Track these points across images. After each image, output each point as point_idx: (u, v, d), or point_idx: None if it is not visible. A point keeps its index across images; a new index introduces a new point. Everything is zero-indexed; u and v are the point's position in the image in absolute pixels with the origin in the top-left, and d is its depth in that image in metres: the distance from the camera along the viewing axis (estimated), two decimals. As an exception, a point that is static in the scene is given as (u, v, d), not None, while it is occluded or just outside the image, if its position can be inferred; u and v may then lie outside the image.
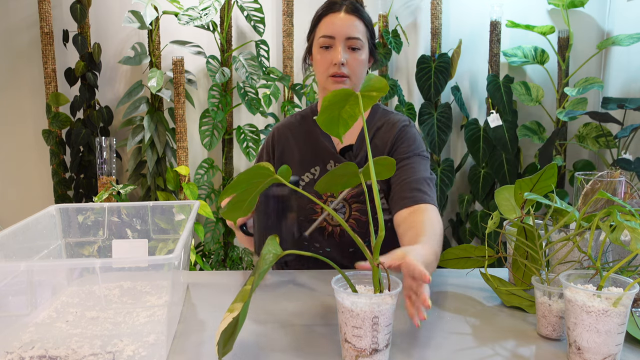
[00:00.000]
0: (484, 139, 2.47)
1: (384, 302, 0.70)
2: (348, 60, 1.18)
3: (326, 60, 1.19)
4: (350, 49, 1.19)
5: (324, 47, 1.20)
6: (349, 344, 0.72)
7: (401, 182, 1.15)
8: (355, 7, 1.20)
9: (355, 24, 1.19)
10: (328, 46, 1.19)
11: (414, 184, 1.13)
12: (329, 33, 1.18)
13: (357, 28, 1.19)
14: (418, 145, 1.23)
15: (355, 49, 1.19)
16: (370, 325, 0.70)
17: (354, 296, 0.70)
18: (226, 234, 2.55)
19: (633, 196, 0.95)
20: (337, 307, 0.74)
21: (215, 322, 0.88)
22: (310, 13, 1.27)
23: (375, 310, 0.69)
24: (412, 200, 1.10)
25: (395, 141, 1.23)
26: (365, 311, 0.69)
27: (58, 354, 0.74)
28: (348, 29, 1.18)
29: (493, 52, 2.48)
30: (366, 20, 1.22)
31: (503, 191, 0.99)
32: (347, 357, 0.73)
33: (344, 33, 1.17)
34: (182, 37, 2.47)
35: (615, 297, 0.69)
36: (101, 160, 2.19)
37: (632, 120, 2.32)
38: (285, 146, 1.30)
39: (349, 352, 0.72)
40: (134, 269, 1.05)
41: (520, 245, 0.90)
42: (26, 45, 2.50)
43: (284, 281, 1.09)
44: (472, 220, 2.51)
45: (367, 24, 1.22)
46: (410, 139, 1.23)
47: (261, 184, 0.77)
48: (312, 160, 1.26)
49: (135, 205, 1.06)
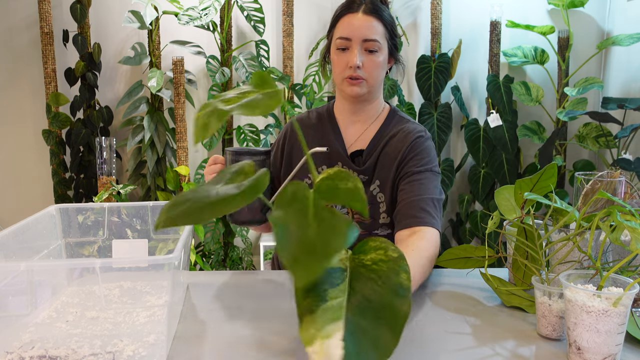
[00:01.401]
0: (484, 139, 2.47)
1: None
2: (364, 62, 1.15)
3: (342, 62, 1.16)
4: (367, 51, 1.15)
5: (340, 49, 1.16)
6: None
7: (408, 200, 1.11)
8: (375, 7, 1.16)
9: (373, 25, 1.15)
10: (345, 48, 1.16)
11: (421, 204, 1.09)
12: (346, 35, 1.15)
13: (374, 29, 1.15)
14: (430, 160, 1.18)
15: (372, 51, 1.15)
16: None
17: None
18: (226, 234, 2.55)
19: (633, 196, 0.95)
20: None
21: (215, 322, 0.88)
22: (310, 13, 1.26)
23: None
24: (415, 222, 1.07)
25: (408, 152, 1.18)
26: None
27: (58, 354, 0.74)
28: (365, 31, 1.14)
29: (493, 52, 2.48)
30: (386, 21, 1.17)
31: (503, 191, 0.99)
32: None
33: (361, 35, 1.14)
34: (182, 37, 2.47)
35: (615, 297, 0.69)
36: (101, 160, 2.19)
37: (632, 120, 2.32)
38: (296, 142, 1.27)
39: None
40: (134, 269, 1.05)
41: (520, 245, 0.90)
42: (26, 45, 2.50)
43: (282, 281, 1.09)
44: (472, 220, 2.51)
45: (386, 24, 1.17)
46: (423, 152, 1.18)
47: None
48: (321, 159, 1.23)
49: (135, 205, 1.06)
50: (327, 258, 0.48)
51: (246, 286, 1.06)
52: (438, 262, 1.07)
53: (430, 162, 1.18)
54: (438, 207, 1.14)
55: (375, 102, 1.24)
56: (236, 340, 0.81)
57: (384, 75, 1.21)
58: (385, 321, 0.54)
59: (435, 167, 1.19)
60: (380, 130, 1.23)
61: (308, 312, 0.54)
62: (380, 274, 0.59)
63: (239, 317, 0.90)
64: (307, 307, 0.55)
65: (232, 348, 0.79)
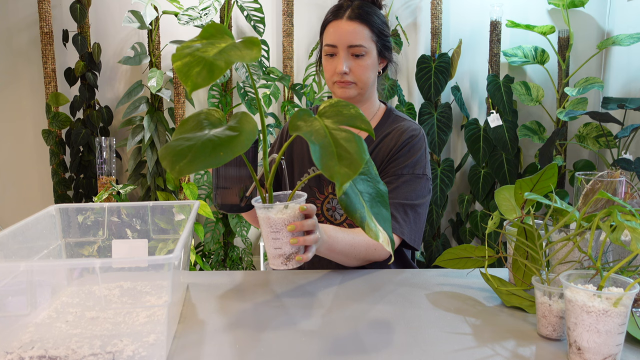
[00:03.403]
0: (484, 139, 2.47)
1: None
2: (352, 67, 1.17)
3: (331, 67, 1.19)
4: (354, 55, 1.17)
5: (328, 55, 1.19)
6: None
7: None
8: (360, 12, 1.17)
9: (357, 30, 1.16)
10: (332, 54, 1.19)
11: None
12: (331, 42, 1.18)
13: (359, 35, 1.16)
14: (416, 161, 1.19)
15: (359, 56, 1.17)
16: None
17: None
18: (226, 234, 2.55)
19: (633, 196, 0.95)
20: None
21: (215, 322, 0.88)
22: (310, 13, 1.27)
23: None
24: None
25: (396, 151, 1.20)
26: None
27: (58, 354, 0.74)
28: (349, 37, 1.16)
29: (493, 52, 2.48)
30: (372, 24, 1.18)
31: (503, 191, 0.99)
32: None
33: (346, 41, 1.16)
34: (182, 37, 2.47)
35: (615, 297, 0.69)
36: (101, 160, 2.19)
37: (632, 120, 2.32)
38: (295, 138, 1.31)
39: None
40: (133, 269, 1.05)
41: (520, 245, 0.90)
42: (26, 45, 2.50)
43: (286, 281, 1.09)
44: (472, 220, 2.51)
45: (373, 27, 1.18)
46: (410, 152, 1.20)
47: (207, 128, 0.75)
48: None
49: (135, 205, 1.06)
50: (361, 164, 0.68)
51: (246, 286, 1.06)
52: (438, 262, 1.07)
53: (415, 164, 1.19)
54: (410, 212, 1.15)
55: (368, 102, 1.26)
56: (236, 341, 0.81)
57: (374, 76, 1.22)
58: (380, 201, 0.85)
59: (420, 169, 1.19)
60: (375, 130, 1.25)
61: (361, 223, 0.79)
62: (366, 173, 0.86)
63: (239, 318, 0.90)
64: (359, 220, 0.79)
65: (232, 348, 0.79)
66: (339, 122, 0.76)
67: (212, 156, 0.66)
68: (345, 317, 0.90)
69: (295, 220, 0.87)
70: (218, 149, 0.67)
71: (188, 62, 0.66)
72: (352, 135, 0.72)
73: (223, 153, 0.66)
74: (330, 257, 1.09)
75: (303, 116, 0.77)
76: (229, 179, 0.99)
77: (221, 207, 1.01)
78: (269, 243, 0.88)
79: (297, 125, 0.75)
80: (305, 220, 0.89)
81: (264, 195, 0.89)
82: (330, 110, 0.79)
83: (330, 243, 1.04)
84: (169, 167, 0.64)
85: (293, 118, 0.77)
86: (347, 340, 0.81)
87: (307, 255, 0.89)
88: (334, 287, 1.05)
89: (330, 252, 1.06)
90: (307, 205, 0.89)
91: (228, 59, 0.67)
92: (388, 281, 1.08)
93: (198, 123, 0.74)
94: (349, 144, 0.70)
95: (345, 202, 0.78)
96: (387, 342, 0.80)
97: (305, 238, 0.88)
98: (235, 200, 1.00)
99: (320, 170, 0.68)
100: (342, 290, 1.03)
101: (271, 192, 0.86)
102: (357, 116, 0.78)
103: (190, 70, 0.65)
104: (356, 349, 0.78)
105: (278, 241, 0.87)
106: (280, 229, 0.86)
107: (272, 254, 0.89)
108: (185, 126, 0.75)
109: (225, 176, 0.99)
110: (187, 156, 0.65)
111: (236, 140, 0.69)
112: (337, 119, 0.77)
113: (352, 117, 0.77)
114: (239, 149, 0.67)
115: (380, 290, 1.03)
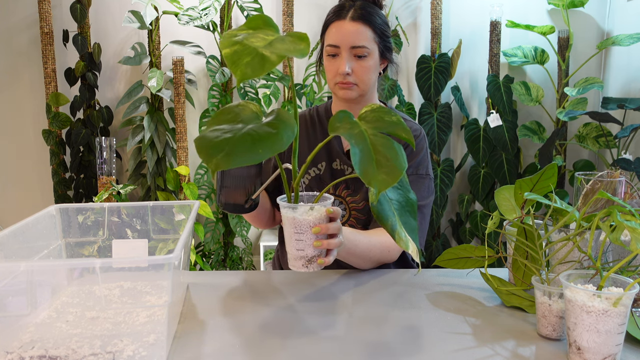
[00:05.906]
0: (484, 139, 2.47)
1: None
2: (354, 68, 1.16)
3: (333, 68, 1.18)
4: (357, 56, 1.16)
5: (330, 55, 1.18)
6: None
7: None
8: (363, 13, 1.16)
9: (360, 31, 1.15)
10: (334, 54, 1.17)
11: None
12: (334, 42, 1.16)
13: (362, 35, 1.15)
14: (418, 162, 1.20)
15: (361, 57, 1.16)
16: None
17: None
18: (226, 234, 2.55)
19: (633, 196, 0.95)
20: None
21: (215, 322, 0.88)
22: (310, 13, 1.26)
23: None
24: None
25: None
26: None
27: (58, 354, 0.74)
28: (352, 38, 1.15)
29: (493, 52, 2.48)
30: (375, 24, 1.18)
31: (503, 191, 0.99)
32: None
33: (349, 42, 1.15)
34: (182, 37, 2.47)
35: (615, 297, 0.69)
36: (101, 160, 2.19)
37: (632, 120, 2.32)
38: (297, 137, 1.30)
39: None
40: (134, 269, 1.05)
41: (520, 245, 0.90)
42: (26, 45, 2.50)
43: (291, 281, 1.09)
44: (472, 220, 2.51)
45: (376, 27, 1.18)
46: (411, 154, 1.20)
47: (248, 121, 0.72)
48: (320, 155, 1.25)
49: (135, 205, 1.06)
50: (400, 173, 0.67)
51: (246, 286, 1.06)
52: (438, 262, 1.07)
53: (418, 165, 1.20)
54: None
55: (368, 103, 1.26)
56: (236, 341, 0.81)
57: (375, 77, 1.22)
58: (409, 211, 0.85)
59: (423, 169, 1.20)
60: None
61: (392, 232, 0.79)
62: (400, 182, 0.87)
63: (239, 318, 0.90)
64: (390, 228, 0.79)
65: (232, 348, 0.79)
66: (379, 128, 0.74)
67: (252, 151, 0.63)
68: (344, 317, 0.90)
69: (321, 222, 0.85)
70: (257, 145, 0.63)
71: (238, 50, 0.64)
72: (391, 142, 0.70)
73: (262, 150, 0.63)
74: (347, 260, 1.08)
75: (343, 119, 0.75)
76: (235, 177, 0.97)
77: (224, 206, 0.99)
78: (291, 244, 0.86)
79: (336, 126, 0.74)
80: (330, 223, 0.87)
81: (290, 194, 0.86)
82: (372, 115, 0.77)
83: (350, 247, 1.02)
84: (205, 161, 0.62)
85: (333, 119, 0.75)
86: (346, 339, 0.81)
87: (328, 258, 0.87)
88: (333, 287, 1.05)
89: (348, 256, 1.05)
90: (333, 208, 0.87)
91: (278, 53, 0.64)
92: (388, 281, 1.08)
93: (235, 115, 0.71)
94: (389, 151, 0.69)
95: (377, 209, 0.77)
96: (387, 341, 0.81)
97: (329, 242, 0.86)
98: (240, 200, 0.98)
99: (357, 174, 0.67)
100: (342, 290, 1.03)
101: (297, 193, 0.85)
102: (398, 124, 0.75)
103: (240, 59, 0.63)
104: (355, 348, 0.78)
105: (301, 242, 0.85)
106: (304, 231, 0.84)
107: (293, 255, 0.86)
108: (221, 117, 0.71)
109: (232, 174, 0.97)
110: (224, 149, 0.62)
111: (275, 137, 0.65)
112: (377, 125, 0.75)
113: (393, 125, 0.75)
114: (278, 147, 0.64)
115: (380, 290, 1.03)
